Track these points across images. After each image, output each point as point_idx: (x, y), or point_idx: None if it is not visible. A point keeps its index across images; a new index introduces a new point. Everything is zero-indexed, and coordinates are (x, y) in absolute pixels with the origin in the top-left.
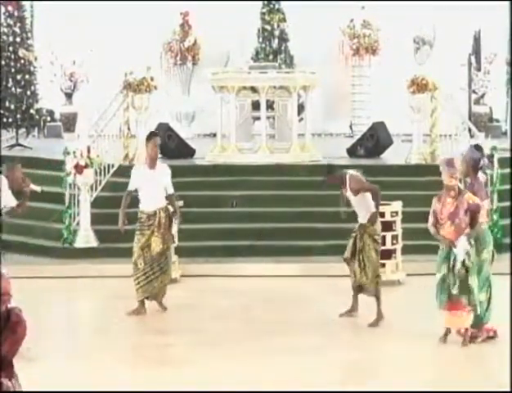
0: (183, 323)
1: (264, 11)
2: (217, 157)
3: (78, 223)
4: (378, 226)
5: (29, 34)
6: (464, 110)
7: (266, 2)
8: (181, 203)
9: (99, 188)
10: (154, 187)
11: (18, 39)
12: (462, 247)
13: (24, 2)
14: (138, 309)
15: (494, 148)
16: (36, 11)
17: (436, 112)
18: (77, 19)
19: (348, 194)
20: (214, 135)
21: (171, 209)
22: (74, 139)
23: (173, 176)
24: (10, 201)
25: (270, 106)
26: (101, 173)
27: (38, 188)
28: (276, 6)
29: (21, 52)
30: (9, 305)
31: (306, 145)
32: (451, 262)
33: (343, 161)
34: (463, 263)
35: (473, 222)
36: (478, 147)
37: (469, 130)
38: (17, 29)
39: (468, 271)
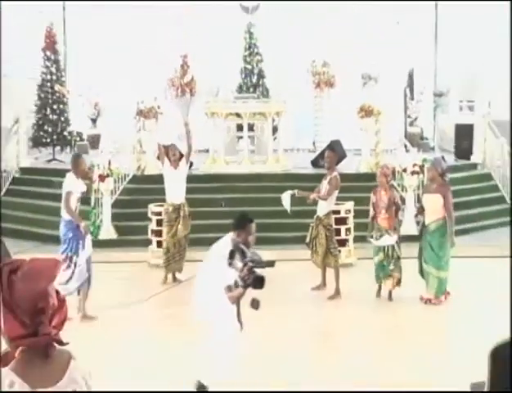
0: (172, 300)
1: (246, 54)
2: (209, 168)
3: (101, 220)
4: (331, 219)
5: (63, 73)
6: (401, 131)
7: (247, 47)
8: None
9: (117, 193)
10: (178, 183)
11: (54, 77)
12: (390, 239)
13: (59, 47)
14: (165, 279)
15: (424, 160)
16: (68, 55)
17: (380, 132)
18: (100, 61)
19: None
20: (207, 151)
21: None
22: (98, 155)
23: None
24: (82, 187)
25: (251, 127)
26: (119, 181)
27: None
28: (255, 51)
29: (57, 87)
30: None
31: (279, 158)
32: (386, 247)
33: (308, 171)
34: (393, 249)
35: (396, 213)
36: (443, 159)
37: (405, 146)
38: (53, 69)
39: (399, 256)
